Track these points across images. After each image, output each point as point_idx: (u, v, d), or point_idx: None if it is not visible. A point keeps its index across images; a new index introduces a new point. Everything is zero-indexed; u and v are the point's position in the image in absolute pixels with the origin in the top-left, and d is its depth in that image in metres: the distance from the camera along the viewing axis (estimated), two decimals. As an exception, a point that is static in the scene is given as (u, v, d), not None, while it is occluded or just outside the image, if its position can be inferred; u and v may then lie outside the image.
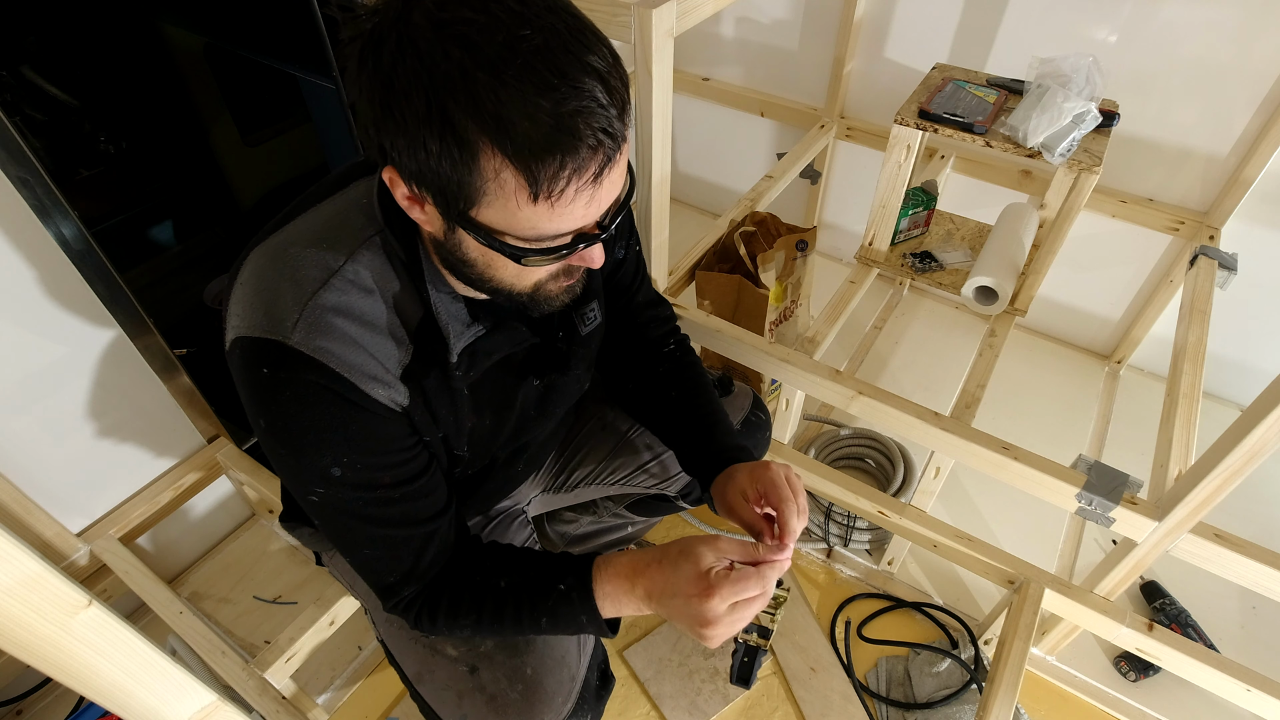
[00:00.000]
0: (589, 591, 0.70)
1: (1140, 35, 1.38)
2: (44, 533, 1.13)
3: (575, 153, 0.51)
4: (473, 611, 0.71)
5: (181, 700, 0.54)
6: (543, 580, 0.71)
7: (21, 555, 0.40)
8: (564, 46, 0.50)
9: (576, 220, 0.56)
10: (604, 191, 0.55)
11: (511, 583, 0.72)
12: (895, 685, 1.26)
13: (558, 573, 0.71)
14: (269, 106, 1.95)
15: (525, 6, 0.50)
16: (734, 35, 1.86)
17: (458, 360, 0.66)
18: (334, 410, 0.61)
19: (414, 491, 0.68)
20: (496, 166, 0.51)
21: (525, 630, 0.72)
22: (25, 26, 1.68)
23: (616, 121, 0.52)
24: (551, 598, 0.70)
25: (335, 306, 0.60)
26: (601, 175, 0.53)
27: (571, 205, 0.54)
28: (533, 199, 0.52)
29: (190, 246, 2.02)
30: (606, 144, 0.52)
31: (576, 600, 0.70)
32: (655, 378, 0.93)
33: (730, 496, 0.77)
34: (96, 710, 1.17)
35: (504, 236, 0.56)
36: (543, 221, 0.54)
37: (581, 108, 0.50)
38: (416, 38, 0.49)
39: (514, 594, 0.71)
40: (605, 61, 0.51)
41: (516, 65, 0.48)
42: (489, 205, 0.53)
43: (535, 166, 0.50)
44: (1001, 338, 1.32)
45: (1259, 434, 0.81)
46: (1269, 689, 1.04)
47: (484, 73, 0.48)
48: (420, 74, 0.49)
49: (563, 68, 0.49)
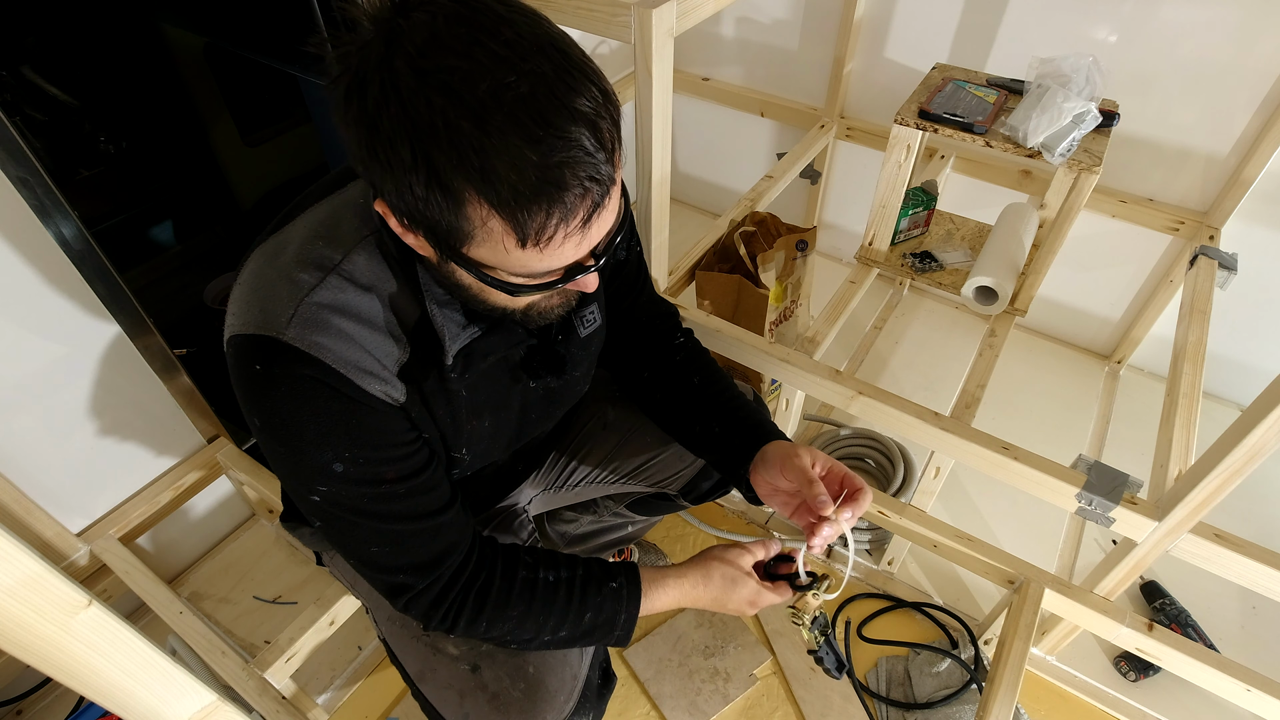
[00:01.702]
0: (637, 590, 0.77)
1: (1140, 35, 1.38)
2: (44, 533, 1.13)
3: (562, 202, 0.50)
4: (522, 602, 0.73)
5: (181, 700, 0.54)
6: (595, 577, 0.77)
7: (21, 555, 0.40)
8: (549, 92, 0.48)
9: (568, 259, 0.56)
10: (594, 232, 0.55)
11: (562, 577, 0.75)
12: (895, 685, 1.26)
13: (609, 572, 0.78)
14: (269, 106, 1.95)
15: (511, 50, 0.48)
16: (734, 35, 1.86)
17: (453, 362, 0.66)
18: (331, 405, 0.61)
19: (419, 486, 0.68)
20: (484, 215, 0.51)
21: (565, 625, 0.75)
22: (25, 26, 1.68)
23: (605, 166, 0.51)
24: (604, 592, 0.76)
25: (331, 304, 0.60)
26: (590, 220, 0.53)
27: (561, 249, 0.54)
28: (521, 245, 0.52)
29: (190, 246, 2.02)
30: (594, 190, 0.51)
31: (625, 597, 0.76)
32: (673, 366, 0.93)
33: (763, 485, 0.80)
34: (96, 710, 1.17)
35: (495, 272, 0.56)
36: (533, 262, 0.54)
37: (568, 158, 0.49)
38: (400, 84, 0.48)
39: (567, 586, 0.75)
40: (594, 103, 0.50)
41: (501, 115, 0.47)
42: (479, 246, 0.53)
43: (522, 216, 0.50)
44: (1001, 338, 1.32)
45: (1259, 434, 0.81)
46: (1269, 689, 1.04)
47: (468, 122, 0.47)
48: (404, 121, 0.48)
49: (548, 116, 0.48)
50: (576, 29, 1.01)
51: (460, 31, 0.48)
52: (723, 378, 0.92)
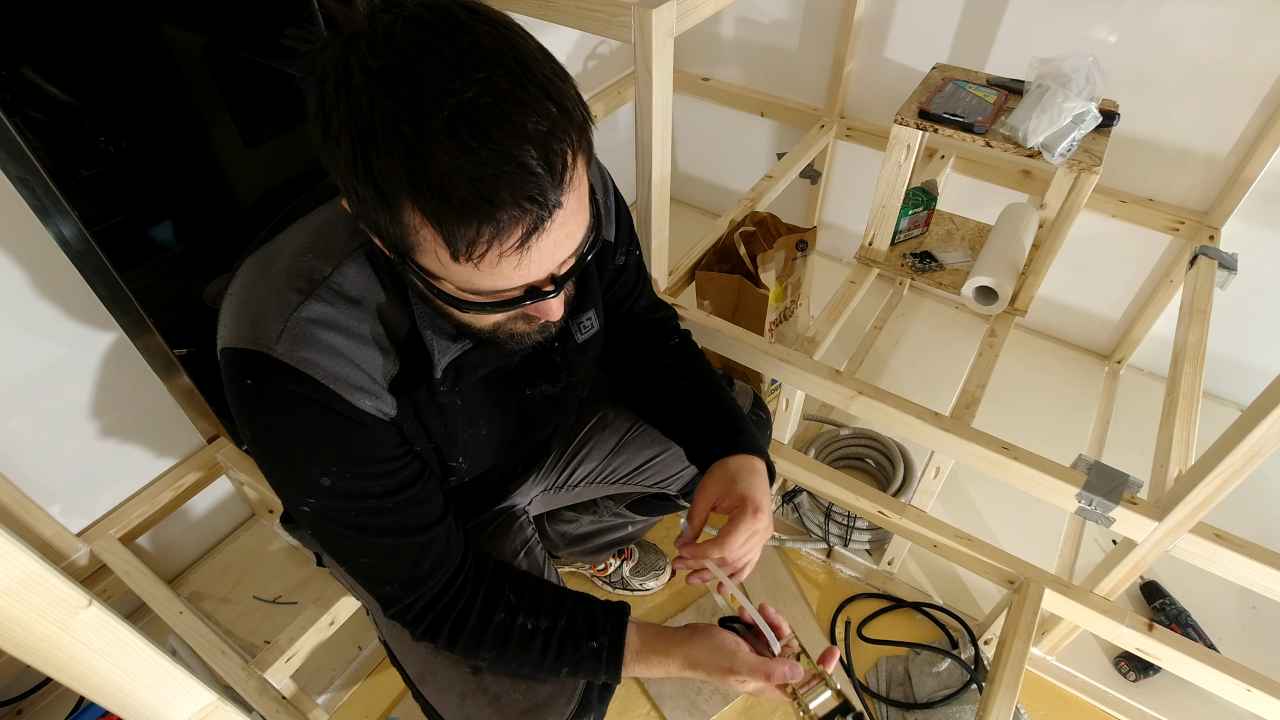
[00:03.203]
0: (619, 656, 0.74)
1: (1140, 35, 1.38)
2: (44, 533, 1.13)
3: (494, 220, 0.48)
4: (494, 647, 0.73)
5: (181, 700, 0.54)
6: (576, 632, 0.74)
7: (21, 555, 0.40)
8: (495, 104, 0.46)
9: (513, 280, 0.53)
10: (535, 255, 0.52)
11: (540, 627, 0.74)
12: (895, 685, 1.26)
13: (591, 628, 0.75)
14: (269, 106, 1.95)
15: (463, 57, 0.46)
16: (734, 35, 1.86)
17: (442, 376, 0.65)
18: (319, 420, 0.61)
19: (407, 500, 0.68)
20: (416, 224, 0.49)
21: (543, 673, 0.75)
22: (25, 26, 1.68)
23: (551, 189, 0.48)
24: (582, 651, 0.74)
25: (320, 318, 0.60)
26: (529, 241, 0.50)
27: (498, 268, 0.51)
28: (454, 258, 0.50)
29: (190, 246, 2.02)
30: (533, 211, 0.48)
31: (605, 660, 0.74)
32: (664, 368, 0.93)
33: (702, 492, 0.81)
34: (96, 710, 1.17)
35: (442, 284, 0.54)
36: (474, 279, 0.52)
37: (502, 173, 0.46)
38: (351, 82, 0.47)
39: (544, 638, 0.74)
40: (548, 122, 0.48)
41: (440, 121, 0.45)
42: (422, 255, 0.52)
43: (450, 228, 0.48)
44: (1001, 338, 1.32)
45: (1259, 434, 0.81)
46: (1269, 689, 1.04)
47: (406, 125, 0.46)
48: (349, 120, 0.47)
49: (487, 128, 0.46)
50: (576, 29, 1.02)
51: (415, 35, 0.47)
52: (711, 381, 0.91)
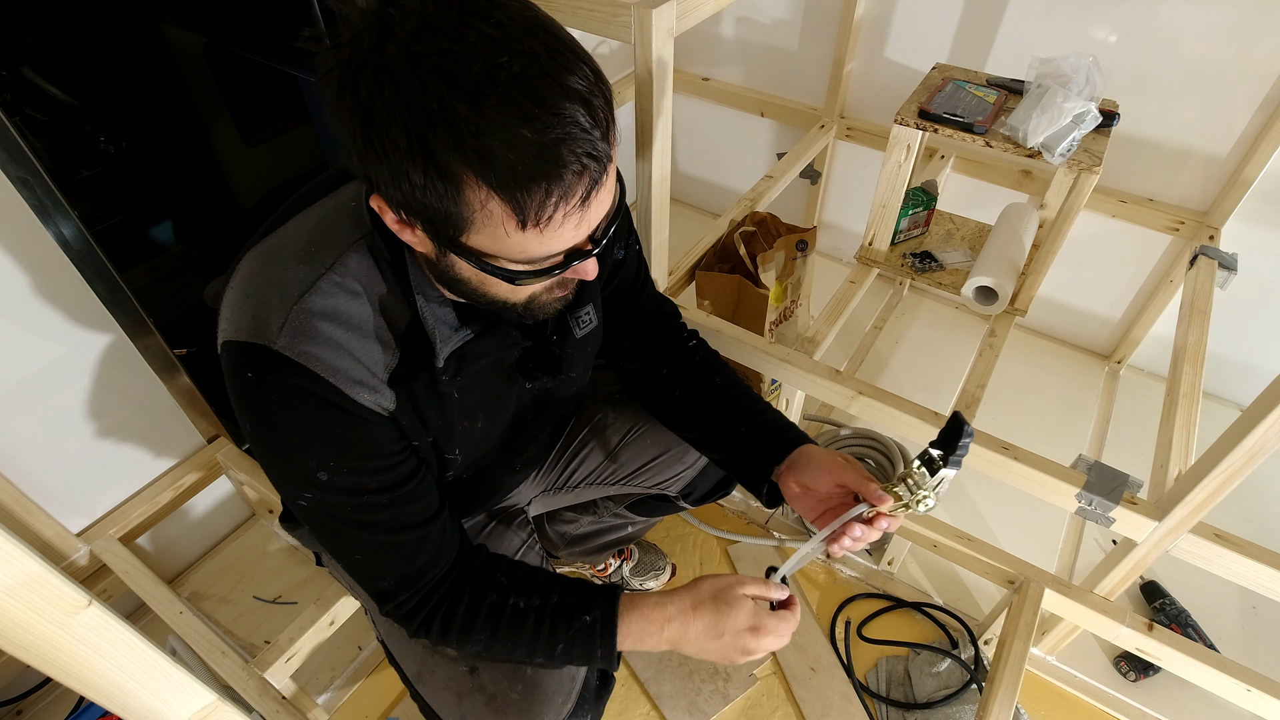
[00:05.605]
0: (613, 627, 0.72)
1: (1140, 35, 1.38)
2: (44, 533, 1.13)
3: (560, 180, 0.50)
4: (488, 628, 0.72)
5: (181, 700, 0.54)
6: (568, 608, 0.73)
7: (21, 555, 0.40)
8: (543, 71, 0.48)
9: (567, 241, 0.56)
10: (592, 212, 0.55)
11: (532, 605, 0.73)
12: (895, 685, 1.26)
13: (583, 603, 0.73)
14: (269, 106, 1.95)
15: (502, 31, 0.48)
16: (734, 35, 1.86)
17: (444, 365, 0.66)
18: (319, 414, 0.61)
19: (402, 497, 0.68)
20: (482, 198, 0.50)
21: (538, 653, 0.73)
22: (25, 26, 1.68)
23: (600, 143, 0.51)
24: (575, 626, 0.72)
25: (321, 311, 0.60)
26: (589, 198, 0.53)
27: (561, 229, 0.53)
28: (521, 227, 0.52)
29: (190, 246, 2.02)
30: (592, 167, 0.51)
31: (599, 633, 0.72)
32: (694, 365, 0.93)
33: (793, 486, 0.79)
34: (96, 710, 1.17)
35: (496, 260, 0.56)
36: (533, 245, 0.54)
37: (565, 134, 0.49)
38: (393, 70, 0.48)
39: (536, 616, 0.72)
40: (586, 81, 0.50)
41: (496, 95, 0.47)
42: (478, 232, 0.53)
43: (521, 196, 0.50)
44: (1001, 338, 1.32)
45: (1259, 434, 0.81)
46: (1269, 689, 1.04)
47: (463, 104, 0.47)
48: (398, 107, 0.48)
49: (542, 95, 0.48)
50: (577, 29, 1.00)
51: (451, 15, 0.48)
52: (741, 380, 0.92)
